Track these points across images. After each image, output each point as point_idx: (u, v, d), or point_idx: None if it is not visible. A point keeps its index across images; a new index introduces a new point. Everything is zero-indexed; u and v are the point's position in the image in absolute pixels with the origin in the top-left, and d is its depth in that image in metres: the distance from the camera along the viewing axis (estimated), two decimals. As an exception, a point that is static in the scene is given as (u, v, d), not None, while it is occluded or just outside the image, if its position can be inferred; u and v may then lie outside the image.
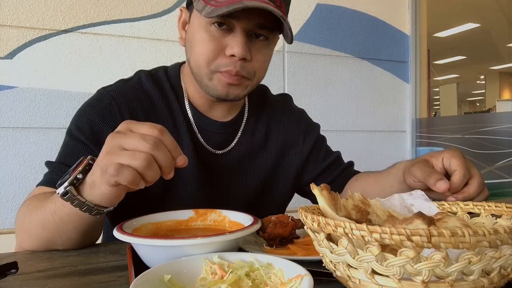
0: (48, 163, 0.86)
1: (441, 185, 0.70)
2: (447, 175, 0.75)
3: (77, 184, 0.63)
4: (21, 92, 1.73)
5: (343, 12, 2.36)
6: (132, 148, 0.56)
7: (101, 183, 0.59)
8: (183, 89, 0.94)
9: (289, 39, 0.80)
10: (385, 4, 2.47)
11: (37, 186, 0.83)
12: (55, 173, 0.82)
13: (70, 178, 0.62)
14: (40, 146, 1.77)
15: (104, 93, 0.90)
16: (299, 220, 0.67)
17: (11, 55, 1.71)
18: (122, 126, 0.60)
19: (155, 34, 1.93)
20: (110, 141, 0.58)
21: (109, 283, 0.56)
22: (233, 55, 0.80)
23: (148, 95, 0.91)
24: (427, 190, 0.76)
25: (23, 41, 1.73)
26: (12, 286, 0.55)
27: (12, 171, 1.72)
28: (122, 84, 0.93)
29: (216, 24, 0.80)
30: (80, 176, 0.63)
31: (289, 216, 0.70)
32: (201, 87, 0.88)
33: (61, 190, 0.62)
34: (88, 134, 0.85)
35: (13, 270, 0.54)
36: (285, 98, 1.11)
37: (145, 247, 0.56)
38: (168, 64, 1.02)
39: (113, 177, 0.56)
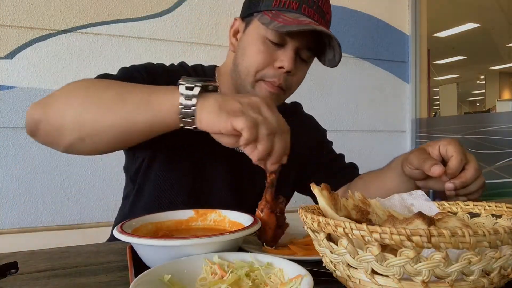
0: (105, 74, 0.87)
1: (436, 169, 0.72)
2: (445, 163, 0.76)
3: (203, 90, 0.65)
4: (21, 92, 1.73)
5: (343, 12, 2.35)
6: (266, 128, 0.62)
7: (227, 119, 0.62)
8: (218, 89, 0.99)
9: (335, 63, 0.90)
10: (385, 4, 2.47)
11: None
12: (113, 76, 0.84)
13: (204, 83, 0.65)
14: (40, 146, 1.75)
15: (153, 63, 0.96)
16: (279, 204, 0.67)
17: (11, 55, 1.71)
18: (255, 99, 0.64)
19: (155, 34, 1.93)
20: (252, 107, 0.63)
21: (109, 283, 0.56)
22: (281, 67, 0.88)
23: None
24: (425, 178, 0.78)
25: (23, 41, 1.73)
26: (12, 286, 0.55)
27: (12, 171, 1.72)
28: (172, 65, 0.99)
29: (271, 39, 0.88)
30: (211, 87, 0.66)
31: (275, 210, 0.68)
32: (242, 92, 0.93)
33: (188, 84, 0.64)
34: (142, 72, 0.89)
35: (13, 270, 0.54)
36: (296, 106, 1.18)
37: (145, 247, 0.56)
38: (169, 63, 1.02)
39: (246, 133, 0.60)
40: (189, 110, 0.64)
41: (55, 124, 0.72)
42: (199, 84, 0.65)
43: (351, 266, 0.44)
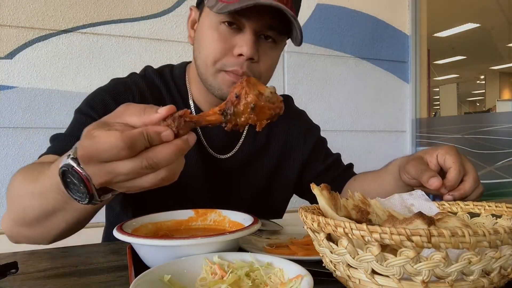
0: (55, 136, 0.84)
1: (433, 182, 0.70)
2: (443, 172, 0.75)
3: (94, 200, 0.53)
4: (21, 92, 1.73)
5: (343, 12, 2.35)
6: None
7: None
8: (188, 89, 0.94)
9: (298, 41, 0.80)
10: (385, 4, 2.47)
11: (40, 156, 0.80)
12: (63, 144, 0.80)
13: (88, 199, 0.52)
14: (40, 146, 1.76)
15: (118, 81, 0.92)
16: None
17: (11, 55, 1.71)
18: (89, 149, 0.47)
19: (155, 34, 1.93)
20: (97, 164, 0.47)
21: (109, 283, 0.56)
22: (241, 54, 0.78)
23: (158, 89, 0.92)
24: (422, 187, 0.75)
25: (23, 41, 1.73)
26: (12, 286, 0.55)
27: (12, 171, 1.71)
28: (135, 75, 0.94)
29: (226, 23, 0.79)
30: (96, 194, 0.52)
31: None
32: (206, 86, 0.86)
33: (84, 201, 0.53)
34: (100, 112, 0.82)
35: (13, 270, 0.54)
36: (286, 99, 1.11)
37: (145, 247, 0.56)
38: (168, 63, 1.01)
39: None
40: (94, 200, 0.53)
41: (25, 239, 0.72)
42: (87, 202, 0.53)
43: (351, 266, 0.44)
